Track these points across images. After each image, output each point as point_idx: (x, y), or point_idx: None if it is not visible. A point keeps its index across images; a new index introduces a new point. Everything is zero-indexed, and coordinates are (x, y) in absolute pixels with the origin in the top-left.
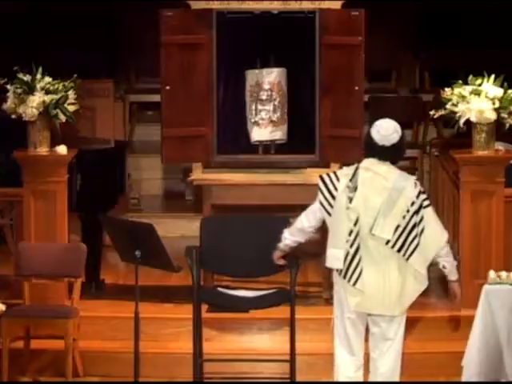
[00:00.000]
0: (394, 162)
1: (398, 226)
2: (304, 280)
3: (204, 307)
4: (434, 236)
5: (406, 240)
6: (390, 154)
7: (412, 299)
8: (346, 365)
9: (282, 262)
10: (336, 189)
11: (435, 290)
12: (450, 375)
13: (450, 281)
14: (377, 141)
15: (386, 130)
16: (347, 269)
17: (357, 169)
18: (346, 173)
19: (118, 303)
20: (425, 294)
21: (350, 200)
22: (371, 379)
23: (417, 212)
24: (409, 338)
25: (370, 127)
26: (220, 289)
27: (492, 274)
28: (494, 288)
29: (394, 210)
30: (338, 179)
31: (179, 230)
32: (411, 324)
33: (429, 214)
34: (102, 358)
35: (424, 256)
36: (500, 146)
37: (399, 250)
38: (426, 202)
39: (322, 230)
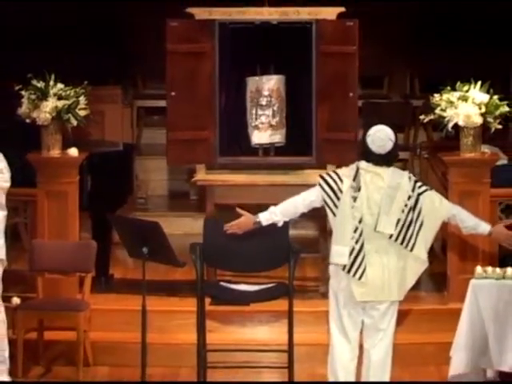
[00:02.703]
0: (389, 165)
1: (398, 220)
2: (302, 275)
3: (207, 300)
4: (436, 211)
5: (407, 232)
6: (386, 160)
7: (414, 281)
8: (342, 353)
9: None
10: (341, 190)
11: (426, 284)
12: (439, 364)
13: (490, 234)
14: (373, 150)
15: (381, 141)
16: (352, 264)
17: (357, 170)
18: (347, 174)
19: (126, 297)
20: (416, 288)
21: (355, 199)
22: (364, 369)
23: (415, 204)
24: (400, 330)
25: (364, 131)
26: (222, 283)
27: (479, 269)
28: (480, 282)
29: (394, 206)
30: (341, 180)
31: (184, 228)
32: (403, 316)
33: (428, 196)
34: (111, 348)
35: (425, 241)
36: (486, 149)
37: (402, 243)
38: (423, 189)
39: (319, 228)
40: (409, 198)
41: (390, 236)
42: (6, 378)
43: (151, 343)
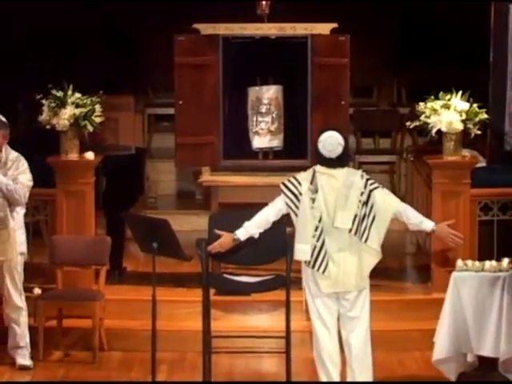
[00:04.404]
0: (342, 166)
1: (355, 216)
2: (298, 267)
3: (212, 291)
4: (385, 206)
5: (361, 225)
6: (338, 163)
7: (369, 270)
8: (324, 339)
9: (224, 248)
10: (300, 193)
11: (411, 276)
12: (424, 349)
13: (433, 231)
14: (324, 155)
15: (330, 146)
16: (315, 260)
17: (314, 173)
18: (305, 177)
19: (137, 288)
20: (402, 279)
21: (313, 201)
22: (347, 355)
23: (367, 199)
24: (387, 318)
25: (317, 138)
26: (226, 275)
27: (460, 262)
28: (461, 274)
29: (349, 203)
30: (299, 184)
31: (190, 225)
32: (389, 305)
33: (379, 193)
34: (124, 334)
35: (378, 234)
36: (466, 153)
37: (357, 235)
38: (374, 186)
39: None
40: (361, 194)
41: (350, 231)
42: (28, 362)
43: (160, 330)
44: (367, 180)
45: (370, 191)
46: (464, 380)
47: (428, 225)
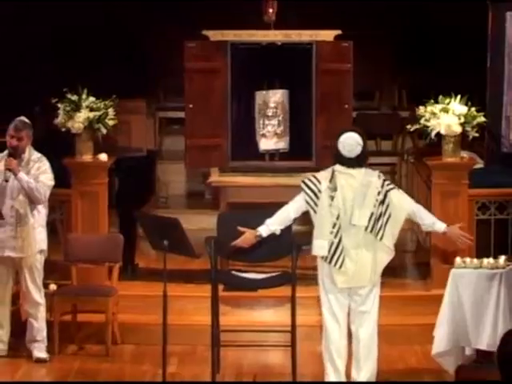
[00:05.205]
0: (360, 166)
1: (372, 214)
2: (303, 264)
3: (220, 287)
4: (400, 206)
5: (377, 224)
6: (356, 163)
7: (382, 267)
8: (333, 333)
9: (247, 244)
10: (320, 191)
11: (411, 273)
12: (423, 343)
13: (444, 233)
14: (344, 155)
15: (350, 146)
16: (332, 255)
17: (333, 172)
18: (324, 176)
19: (149, 284)
20: (403, 276)
21: (332, 198)
22: (354, 347)
23: (384, 199)
24: (389, 313)
25: (337, 139)
26: (233, 272)
27: (458, 259)
28: (459, 271)
29: (366, 201)
30: (319, 182)
31: (200, 224)
32: (391, 301)
33: (394, 193)
34: (136, 328)
35: (392, 233)
36: (465, 154)
37: (373, 232)
38: (390, 186)
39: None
40: (378, 193)
41: (366, 228)
42: (44, 355)
43: (171, 324)
44: (384, 181)
45: (387, 191)
46: (462, 372)
47: (440, 226)
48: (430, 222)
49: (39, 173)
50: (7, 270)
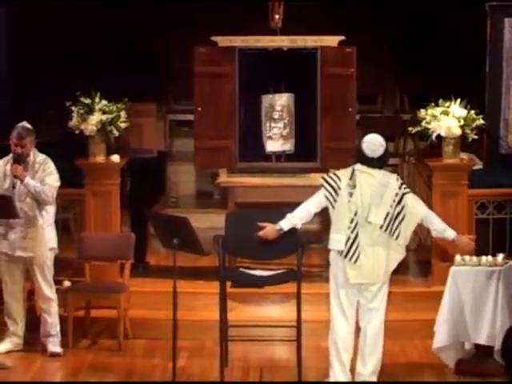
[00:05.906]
0: (380, 167)
1: (387, 213)
2: (308, 262)
3: (228, 284)
4: (415, 210)
5: (393, 223)
6: (377, 163)
7: (394, 266)
8: (341, 327)
9: (269, 236)
10: (339, 187)
11: (413, 270)
12: (424, 338)
13: (453, 240)
14: (367, 154)
15: (374, 146)
16: (348, 250)
17: (353, 171)
18: (344, 174)
19: (159, 281)
20: (404, 273)
21: (351, 195)
22: (361, 342)
23: (400, 200)
24: (391, 309)
25: (360, 140)
26: (241, 269)
27: (458, 257)
28: (459, 269)
29: (383, 201)
30: (339, 179)
31: (208, 223)
32: (393, 298)
33: (410, 197)
34: (147, 324)
35: (405, 235)
36: (464, 156)
37: (390, 232)
38: (407, 190)
39: (322, 222)
40: (396, 194)
41: (381, 227)
42: (59, 349)
43: (181, 320)
44: (401, 184)
45: (403, 194)
46: (462, 366)
47: (450, 233)
48: (441, 228)
49: (45, 175)
50: (19, 268)
